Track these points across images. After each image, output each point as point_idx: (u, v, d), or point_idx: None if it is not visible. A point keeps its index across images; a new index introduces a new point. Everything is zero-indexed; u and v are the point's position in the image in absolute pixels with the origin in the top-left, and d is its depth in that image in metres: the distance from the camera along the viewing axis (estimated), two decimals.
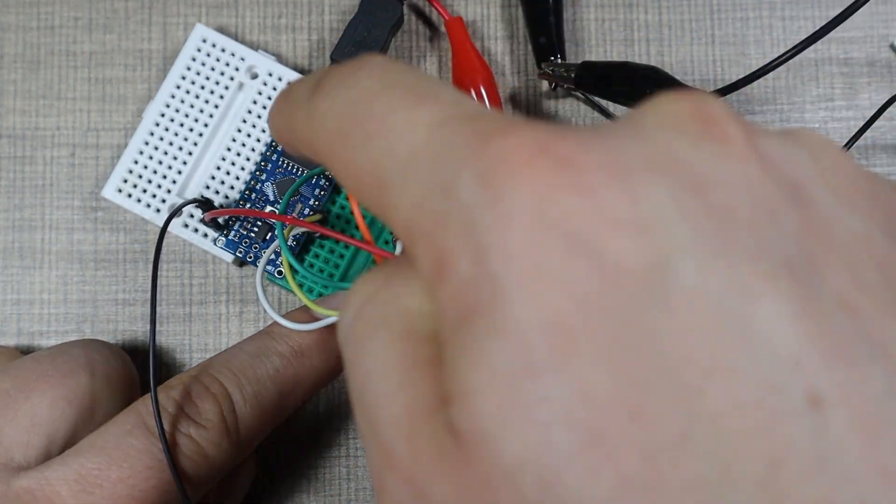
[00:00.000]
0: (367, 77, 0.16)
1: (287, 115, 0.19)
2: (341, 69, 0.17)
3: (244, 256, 0.33)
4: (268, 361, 0.29)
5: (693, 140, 0.14)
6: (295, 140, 0.19)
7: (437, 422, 0.14)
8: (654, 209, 0.13)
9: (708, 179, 0.14)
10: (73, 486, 0.25)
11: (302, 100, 0.18)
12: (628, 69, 0.31)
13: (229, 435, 0.27)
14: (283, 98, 0.19)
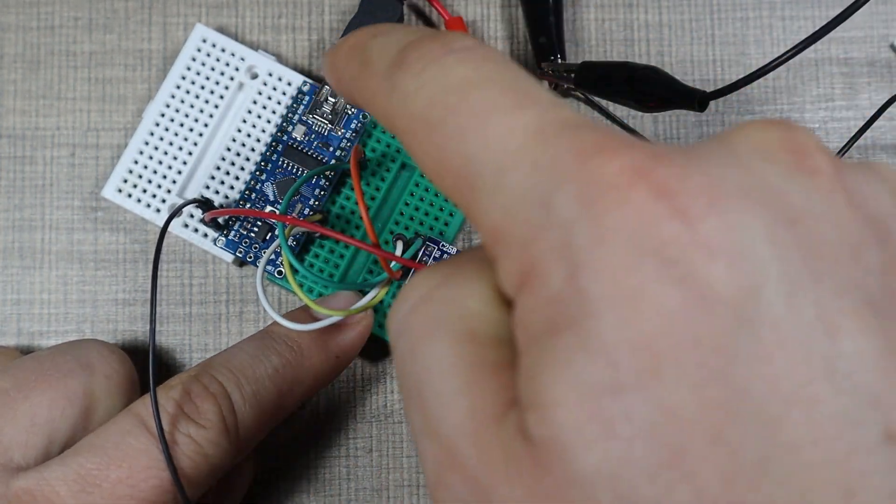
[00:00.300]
0: (461, 63, 0.16)
1: (359, 75, 0.19)
2: (431, 46, 0.17)
3: (244, 256, 0.33)
4: (267, 361, 0.29)
5: (785, 170, 0.15)
6: (366, 103, 0.19)
7: (506, 427, 0.14)
8: (748, 238, 0.13)
9: (799, 211, 0.14)
10: (72, 486, 0.25)
11: (382, 68, 0.18)
12: (628, 69, 0.31)
13: (228, 434, 0.27)
14: (353, 51, 0.19)
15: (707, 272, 0.13)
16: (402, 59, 0.17)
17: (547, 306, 0.14)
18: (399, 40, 0.18)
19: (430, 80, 0.16)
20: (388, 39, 0.18)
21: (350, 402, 0.34)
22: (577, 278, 0.14)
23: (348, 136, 0.34)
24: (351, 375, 0.34)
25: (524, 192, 0.15)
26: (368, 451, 0.34)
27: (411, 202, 0.34)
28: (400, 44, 0.18)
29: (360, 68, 0.19)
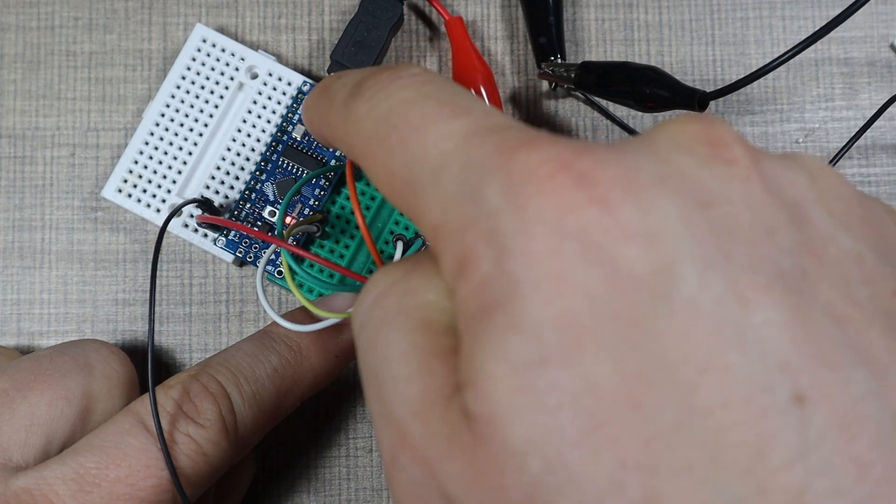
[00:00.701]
0: (404, 86, 0.18)
1: (323, 111, 0.21)
2: (380, 75, 0.19)
3: (244, 256, 0.33)
4: (266, 361, 0.29)
5: (702, 161, 0.16)
6: (329, 136, 0.21)
7: (452, 407, 0.15)
8: (663, 221, 0.15)
9: (713, 196, 0.15)
10: (71, 486, 0.25)
11: (339, 99, 0.20)
12: (628, 69, 0.31)
13: (228, 434, 0.27)
14: (320, 93, 0.21)
15: (624, 253, 0.14)
16: (356, 90, 0.19)
17: (479, 290, 0.15)
18: (356, 76, 0.20)
19: (377, 103, 0.18)
20: (347, 77, 0.20)
21: (350, 402, 0.34)
22: (504, 263, 0.15)
23: None
24: (351, 375, 0.34)
25: (457, 189, 0.16)
26: (368, 451, 0.34)
27: None
28: (357, 78, 0.20)
29: (326, 104, 0.21)
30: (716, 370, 0.14)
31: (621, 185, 0.15)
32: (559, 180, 0.15)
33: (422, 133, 0.17)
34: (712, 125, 0.16)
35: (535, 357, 0.14)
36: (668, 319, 0.14)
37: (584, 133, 0.36)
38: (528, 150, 0.15)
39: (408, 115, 0.17)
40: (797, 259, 0.15)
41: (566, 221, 0.14)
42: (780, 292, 0.14)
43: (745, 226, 0.15)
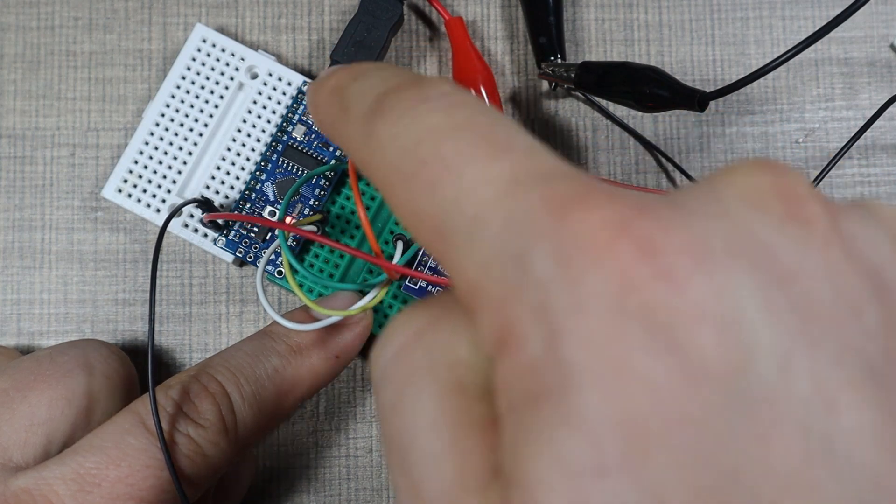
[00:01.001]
0: (433, 110, 0.16)
1: (337, 121, 0.18)
2: (407, 96, 0.16)
3: (244, 256, 0.33)
4: (266, 361, 0.29)
5: (775, 221, 0.14)
6: (346, 150, 0.18)
7: (491, 498, 0.13)
8: (739, 302, 0.13)
9: (792, 268, 0.13)
10: (70, 486, 0.24)
11: (358, 113, 0.17)
12: (628, 69, 0.31)
13: (228, 434, 0.27)
14: (332, 95, 0.19)
15: (695, 342, 0.12)
16: (378, 107, 0.17)
17: (525, 374, 0.13)
18: (376, 86, 0.17)
19: (403, 129, 0.16)
20: (366, 84, 0.18)
21: (350, 402, 0.34)
22: (556, 346, 0.13)
23: None
24: (351, 375, 0.34)
25: (499, 249, 0.14)
26: (368, 451, 0.34)
27: None
28: (377, 90, 0.17)
29: (340, 113, 0.18)
30: (801, 489, 0.12)
31: (690, 256, 0.13)
32: (620, 248, 0.13)
33: (456, 174, 0.15)
34: (785, 176, 0.14)
35: (593, 464, 0.12)
36: (746, 425, 0.12)
37: (584, 133, 0.36)
38: (582, 210, 0.13)
39: (439, 150, 0.15)
40: (885, 344, 0.13)
41: (628, 299, 0.12)
42: (870, 389, 0.13)
43: (828, 304, 0.13)
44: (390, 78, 0.17)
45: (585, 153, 0.36)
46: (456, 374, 0.15)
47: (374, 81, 0.18)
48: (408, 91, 0.17)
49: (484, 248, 0.14)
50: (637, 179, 0.36)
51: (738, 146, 0.36)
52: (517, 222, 0.14)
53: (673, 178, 0.36)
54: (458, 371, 0.15)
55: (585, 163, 0.36)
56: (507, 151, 0.15)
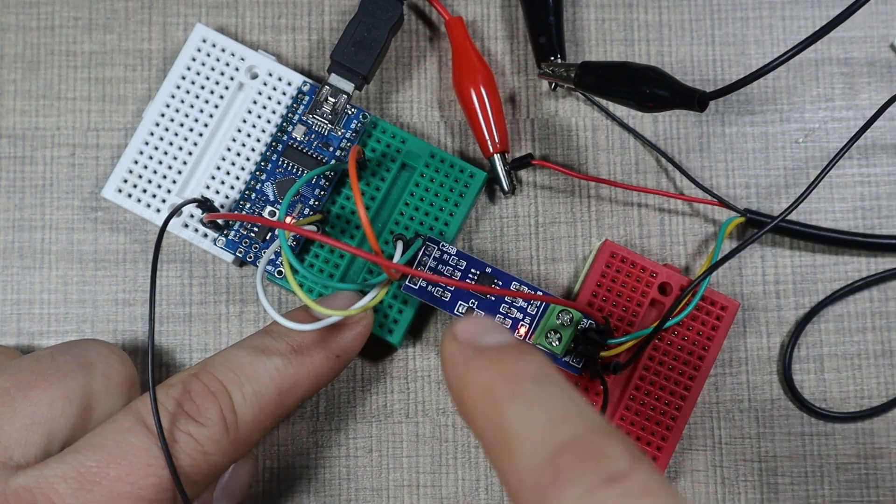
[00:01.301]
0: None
1: (498, 458, 0.22)
2: (589, 470, 0.20)
3: (244, 256, 0.33)
4: (268, 360, 0.28)
5: None
6: (504, 483, 0.22)
7: None
8: None
9: None
10: (71, 484, 0.24)
11: (529, 467, 0.21)
12: (628, 69, 0.31)
13: (228, 433, 0.27)
14: (487, 404, 0.23)
15: None
16: (555, 474, 0.20)
17: None
18: (546, 428, 0.21)
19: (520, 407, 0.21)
20: (533, 417, 0.22)
21: (350, 402, 0.34)
22: None
23: (348, 137, 0.34)
24: (351, 375, 0.34)
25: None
26: (368, 451, 0.34)
27: (411, 202, 0.34)
28: (550, 439, 0.21)
29: (497, 439, 0.22)
30: None
31: None
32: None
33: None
34: None
35: None
36: None
37: (583, 133, 0.36)
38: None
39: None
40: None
41: None
42: None
43: None
44: (562, 418, 0.21)
45: (585, 153, 0.36)
46: None
47: (541, 416, 0.22)
48: (589, 463, 0.20)
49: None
50: (637, 179, 0.36)
51: (738, 146, 0.36)
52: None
53: (673, 178, 0.36)
54: None
55: (585, 163, 0.36)
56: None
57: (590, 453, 0.20)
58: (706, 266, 0.33)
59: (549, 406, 0.22)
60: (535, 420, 0.21)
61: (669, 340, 0.33)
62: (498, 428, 0.22)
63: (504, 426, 0.22)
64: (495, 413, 0.22)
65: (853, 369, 0.35)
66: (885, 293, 0.35)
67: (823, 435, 0.34)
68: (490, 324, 0.25)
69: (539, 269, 0.35)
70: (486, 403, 0.23)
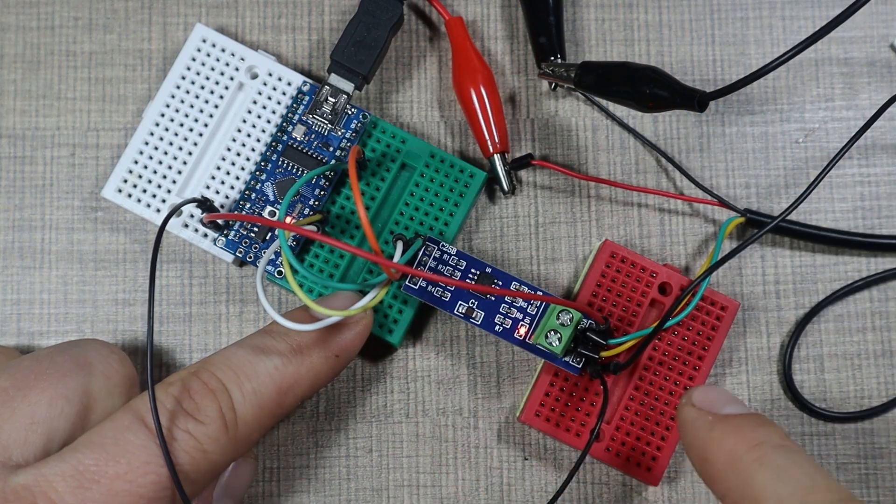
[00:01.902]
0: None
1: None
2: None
3: (244, 256, 0.33)
4: (267, 359, 0.28)
5: None
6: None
7: None
8: None
9: None
10: (70, 482, 0.24)
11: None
12: (628, 69, 0.31)
13: (228, 431, 0.27)
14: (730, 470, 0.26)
15: None
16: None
17: None
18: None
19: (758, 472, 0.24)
20: (783, 489, 0.24)
21: (350, 402, 0.34)
22: None
23: (348, 137, 0.34)
24: (351, 375, 0.34)
25: None
26: (368, 451, 0.34)
27: (411, 202, 0.34)
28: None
29: (745, 502, 0.24)
30: None
31: None
32: None
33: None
34: None
35: None
36: None
37: (583, 133, 0.36)
38: None
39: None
40: None
41: None
42: None
43: None
44: (812, 488, 0.24)
45: (585, 153, 0.36)
46: None
47: (791, 483, 0.25)
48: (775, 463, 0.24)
49: None
50: (637, 179, 0.36)
51: (738, 146, 0.36)
52: None
53: (673, 178, 0.36)
54: None
55: (585, 163, 0.36)
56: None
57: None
58: (706, 266, 0.33)
59: (798, 474, 0.24)
60: (785, 486, 0.24)
61: (669, 340, 0.33)
62: (745, 492, 0.25)
63: (752, 491, 0.25)
64: (742, 478, 0.25)
65: (853, 369, 0.35)
66: (885, 293, 0.35)
67: (823, 435, 0.34)
68: (728, 394, 0.28)
69: (539, 269, 0.35)
70: (731, 468, 0.25)
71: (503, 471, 0.34)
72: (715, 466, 0.26)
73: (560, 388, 0.33)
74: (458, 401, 0.34)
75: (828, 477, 0.25)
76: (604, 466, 0.34)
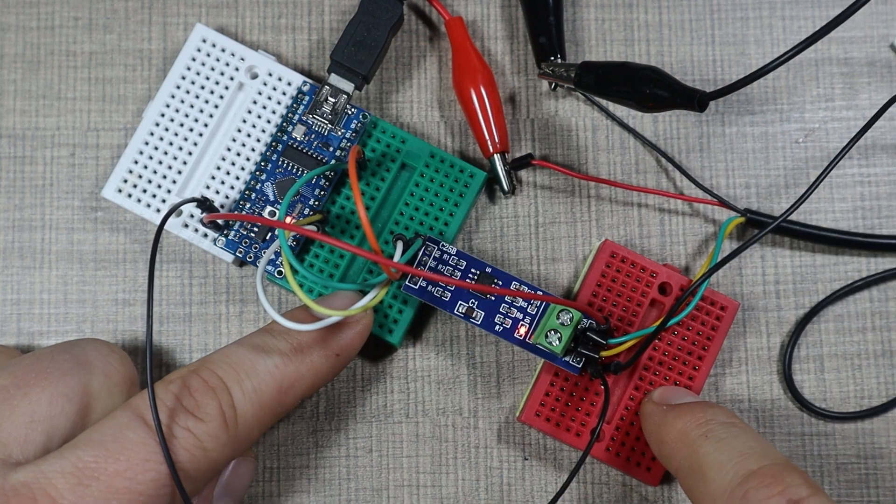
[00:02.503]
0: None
1: (692, 488, 0.28)
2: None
3: (244, 256, 0.33)
4: (268, 358, 0.28)
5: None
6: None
7: None
8: None
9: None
10: (69, 479, 0.24)
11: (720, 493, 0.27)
12: (628, 69, 0.31)
13: (227, 429, 0.27)
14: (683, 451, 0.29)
15: None
16: (745, 496, 0.25)
17: None
18: (737, 468, 0.26)
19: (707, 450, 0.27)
20: (724, 456, 0.27)
21: (350, 402, 0.34)
22: None
23: (348, 137, 0.34)
24: (351, 375, 0.34)
25: None
26: (368, 451, 0.34)
27: (411, 202, 0.34)
28: (739, 473, 0.26)
29: (692, 470, 0.28)
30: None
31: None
32: None
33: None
34: None
35: None
36: None
37: (583, 133, 0.36)
38: None
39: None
40: None
41: None
42: None
43: None
44: (749, 453, 0.27)
45: (585, 153, 0.36)
46: None
47: (730, 450, 0.28)
48: (773, 487, 0.25)
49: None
50: (637, 179, 0.36)
51: (738, 146, 0.36)
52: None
53: (673, 178, 0.36)
54: None
55: (585, 163, 0.36)
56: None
57: (775, 480, 0.25)
58: (706, 266, 0.33)
59: (737, 443, 0.28)
60: (725, 454, 0.27)
61: (669, 340, 0.33)
62: (692, 461, 0.28)
63: (697, 460, 0.28)
64: (690, 450, 0.28)
65: (853, 369, 0.35)
66: (885, 293, 0.35)
67: (823, 435, 0.34)
68: (683, 390, 0.32)
69: (539, 269, 0.35)
70: (682, 443, 0.29)
71: (503, 471, 0.34)
72: (668, 445, 0.29)
73: (560, 388, 0.33)
74: (458, 401, 0.34)
75: (765, 445, 0.28)
76: (604, 466, 0.34)
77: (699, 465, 0.28)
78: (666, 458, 0.30)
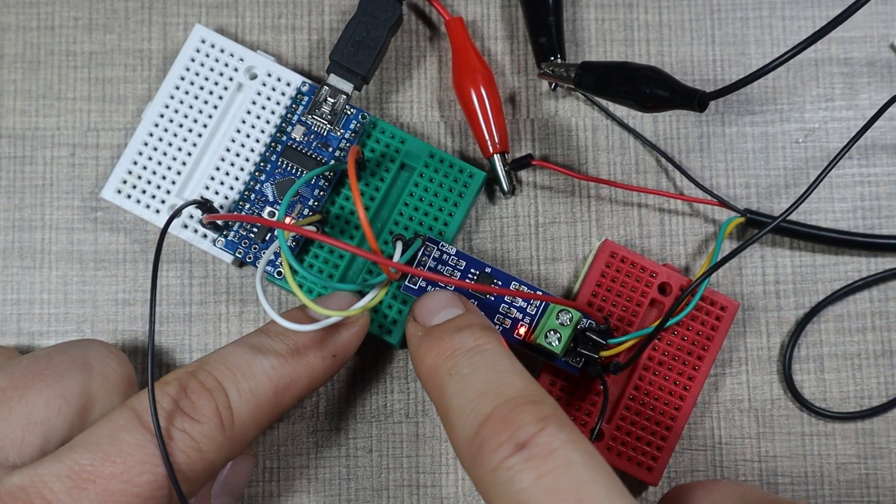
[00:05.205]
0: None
1: (447, 426, 0.26)
2: (501, 441, 0.24)
3: (244, 257, 0.33)
4: (264, 358, 0.28)
5: None
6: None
7: None
8: None
9: None
10: (65, 482, 0.24)
11: (466, 435, 0.25)
12: (628, 69, 0.31)
13: (224, 430, 0.27)
14: (434, 380, 0.26)
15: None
16: (480, 447, 0.23)
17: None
18: (474, 415, 0.24)
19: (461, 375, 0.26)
20: (464, 399, 0.25)
21: (350, 402, 0.34)
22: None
23: (347, 137, 0.34)
24: (351, 375, 0.34)
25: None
26: (368, 451, 0.34)
27: (411, 202, 0.34)
28: (475, 420, 0.24)
29: (442, 414, 0.26)
30: None
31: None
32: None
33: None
34: None
35: None
36: None
37: (583, 133, 0.36)
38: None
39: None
40: None
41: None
42: None
43: None
44: (485, 393, 0.25)
45: (585, 153, 0.36)
46: None
47: (470, 391, 0.25)
48: (502, 434, 0.23)
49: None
50: (637, 179, 0.36)
51: (738, 146, 0.36)
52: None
53: (673, 178, 0.36)
54: None
55: (585, 163, 0.36)
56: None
57: (504, 424, 0.23)
58: (706, 266, 0.33)
59: (477, 380, 0.25)
60: (465, 396, 0.25)
61: (669, 340, 0.33)
62: (441, 405, 0.26)
63: (445, 403, 0.25)
64: (439, 391, 0.26)
65: (853, 369, 0.35)
66: (885, 293, 0.35)
67: (823, 435, 0.34)
68: (442, 300, 0.28)
69: (539, 269, 0.35)
70: (432, 383, 0.26)
71: None
72: (423, 382, 0.27)
73: (560, 387, 0.33)
74: None
75: (503, 376, 0.25)
76: None
77: (446, 412, 0.25)
78: (429, 396, 0.28)
